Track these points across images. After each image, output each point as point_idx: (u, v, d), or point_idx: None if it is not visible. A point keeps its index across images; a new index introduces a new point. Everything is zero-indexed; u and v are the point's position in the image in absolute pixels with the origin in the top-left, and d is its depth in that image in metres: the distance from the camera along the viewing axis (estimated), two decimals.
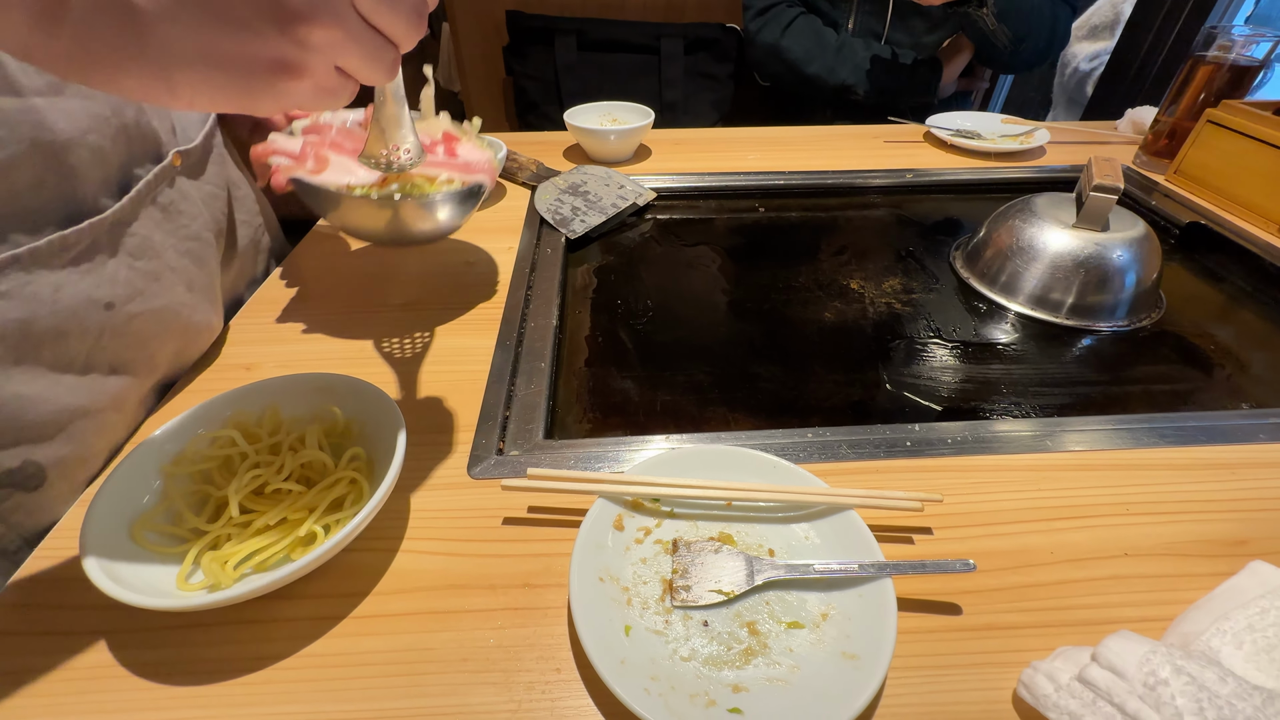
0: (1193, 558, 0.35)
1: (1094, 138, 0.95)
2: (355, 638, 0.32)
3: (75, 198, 0.37)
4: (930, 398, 0.49)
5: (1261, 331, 0.58)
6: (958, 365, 0.53)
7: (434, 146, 0.49)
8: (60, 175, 0.36)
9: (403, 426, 0.36)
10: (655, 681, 0.28)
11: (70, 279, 0.37)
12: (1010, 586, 0.34)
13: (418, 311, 0.55)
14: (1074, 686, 0.27)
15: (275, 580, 0.29)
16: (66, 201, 0.37)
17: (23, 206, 0.34)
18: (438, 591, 0.34)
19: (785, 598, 0.32)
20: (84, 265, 0.38)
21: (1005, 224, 0.62)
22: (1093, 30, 1.74)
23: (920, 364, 0.53)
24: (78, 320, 0.37)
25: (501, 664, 0.31)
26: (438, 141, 0.49)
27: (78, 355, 0.38)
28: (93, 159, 0.38)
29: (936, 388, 0.50)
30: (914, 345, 0.55)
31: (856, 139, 0.94)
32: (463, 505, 0.38)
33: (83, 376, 0.38)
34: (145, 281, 0.42)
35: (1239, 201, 0.71)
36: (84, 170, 0.37)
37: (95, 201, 0.39)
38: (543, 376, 0.48)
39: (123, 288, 0.40)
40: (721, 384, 0.51)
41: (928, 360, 0.54)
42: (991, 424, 0.44)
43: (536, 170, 0.79)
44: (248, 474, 0.35)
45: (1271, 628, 0.29)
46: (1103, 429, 0.43)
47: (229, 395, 0.38)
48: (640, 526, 0.36)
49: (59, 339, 0.37)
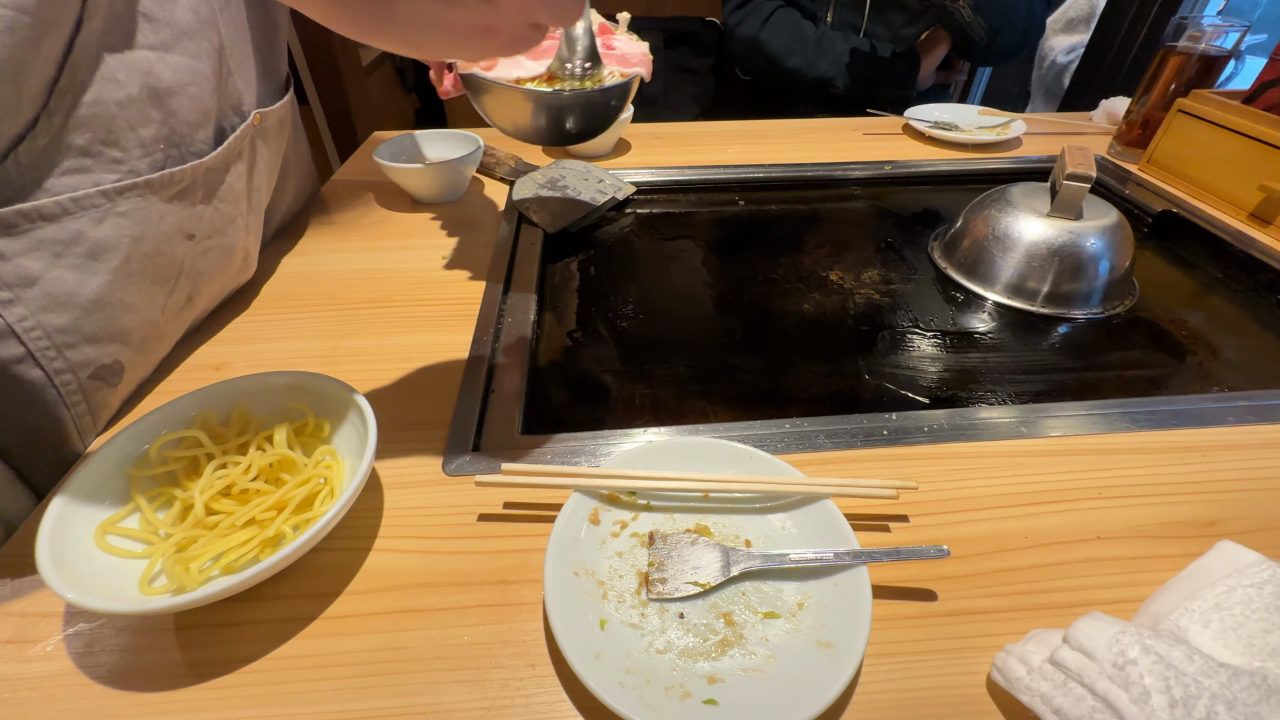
0: (1163, 539, 0.35)
1: (1069, 128, 0.96)
2: (326, 638, 0.31)
3: (177, 135, 0.44)
4: (908, 387, 0.49)
5: (1231, 317, 0.59)
6: (936, 355, 0.53)
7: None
8: (165, 114, 0.42)
9: (373, 424, 0.35)
10: (630, 675, 0.28)
11: (170, 210, 0.44)
12: (985, 571, 0.34)
13: (393, 308, 0.55)
14: (1045, 669, 0.27)
15: (241, 582, 0.29)
16: (170, 135, 0.43)
17: (137, 137, 0.41)
18: (411, 590, 0.33)
19: (762, 588, 0.32)
20: (183, 200, 0.45)
21: (981, 214, 0.63)
22: (1069, 24, 1.76)
23: (898, 354, 0.53)
24: (170, 246, 0.44)
25: (475, 661, 0.30)
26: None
27: (167, 276, 0.45)
28: (192, 106, 0.45)
29: (915, 377, 0.51)
30: (892, 336, 0.55)
31: (836, 132, 0.94)
32: (437, 502, 0.38)
33: (164, 295, 0.45)
34: (223, 221, 0.49)
35: (1209, 190, 0.72)
36: (184, 114, 0.44)
37: (194, 141, 0.45)
38: (520, 371, 0.48)
39: (205, 224, 0.47)
40: (700, 376, 0.51)
41: (906, 350, 0.54)
42: (968, 412, 0.44)
43: (515, 165, 0.79)
44: (214, 474, 0.34)
45: (1238, 606, 0.29)
46: (1076, 415, 0.44)
47: (194, 395, 0.37)
48: (616, 520, 0.35)
49: (157, 258, 0.43)
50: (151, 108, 0.41)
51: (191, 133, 0.45)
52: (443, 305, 0.55)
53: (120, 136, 0.40)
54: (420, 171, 0.67)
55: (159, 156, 0.42)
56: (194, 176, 0.45)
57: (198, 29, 0.45)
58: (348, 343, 0.50)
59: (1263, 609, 0.29)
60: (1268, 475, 0.39)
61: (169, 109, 0.43)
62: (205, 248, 0.48)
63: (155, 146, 0.42)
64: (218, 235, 0.49)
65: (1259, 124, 0.65)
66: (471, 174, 0.74)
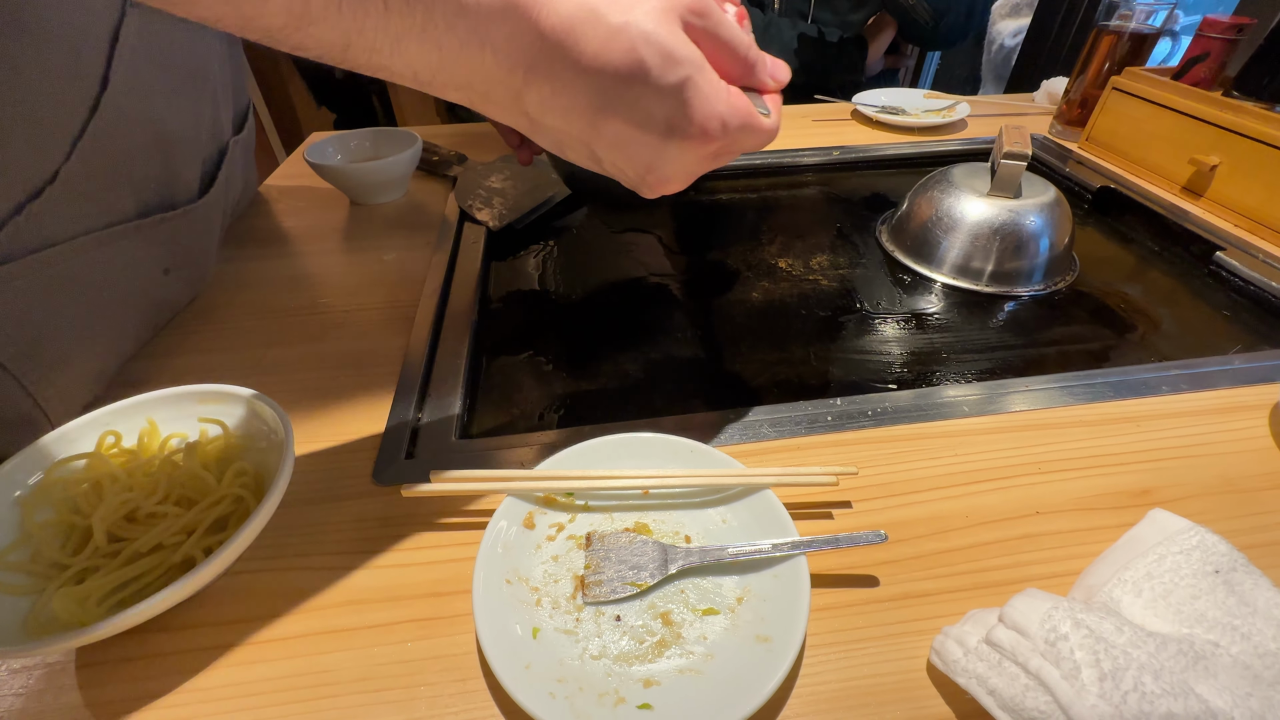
0: (1100, 510, 0.36)
1: (1013, 109, 0.97)
2: (244, 666, 0.29)
3: (169, 174, 0.45)
4: (855, 372, 0.49)
5: (1167, 288, 0.60)
6: (883, 339, 0.53)
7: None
8: (165, 157, 0.44)
9: (291, 436, 0.33)
10: (562, 684, 0.27)
11: (153, 248, 0.45)
12: (926, 554, 0.33)
13: (325, 314, 0.52)
14: (981, 649, 0.27)
15: (142, 612, 0.27)
16: (162, 175, 0.44)
17: (131, 179, 0.41)
18: (336, 609, 0.32)
19: (701, 584, 0.31)
20: (166, 238, 0.45)
21: (925, 196, 0.63)
22: (1014, 8, 1.79)
23: (846, 339, 0.53)
24: (140, 281, 0.45)
25: (403, 680, 0.29)
26: None
27: (143, 308, 0.46)
28: (189, 149, 0.46)
29: (862, 361, 0.50)
30: (840, 321, 0.55)
31: (785, 118, 0.93)
32: (367, 514, 0.36)
33: (136, 328, 0.47)
34: (198, 251, 0.51)
35: (1145, 164, 0.73)
36: (181, 155, 0.46)
37: (182, 180, 0.47)
38: (459, 374, 0.46)
39: (181, 257, 0.48)
40: (646, 371, 0.50)
41: (854, 335, 0.54)
42: (911, 394, 0.44)
43: (457, 161, 0.76)
44: (117, 498, 0.32)
45: (1168, 574, 0.29)
46: (1017, 391, 0.44)
47: (97, 415, 0.35)
48: (553, 523, 0.34)
49: (131, 296, 0.44)
50: (155, 152, 0.43)
51: (183, 171, 0.47)
52: (378, 309, 0.53)
53: (119, 180, 0.40)
54: (353, 171, 0.65)
55: (149, 196, 0.43)
56: (182, 218, 0.46)
57: (198, 69, 0.46)
58: (275, 352, 0.48)
59: (1190, 575, 0.29)
60: (1200, 441, 0.40)
61: (169, 153, 0.44)
62: (179, 282, 0.49)
63: (146, 186, 0.43)
64: (191, 266, 0.50)
65: (1187, 99, 0.67)
66: (411, 172, 0.72)
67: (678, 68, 0.25)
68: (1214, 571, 0.29)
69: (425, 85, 0.25)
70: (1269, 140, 0.59)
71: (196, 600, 0.32)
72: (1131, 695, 0.23)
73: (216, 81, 0.51)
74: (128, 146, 0.40)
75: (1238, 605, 0.28)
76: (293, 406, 0.43)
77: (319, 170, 0.65)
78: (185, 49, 0.44)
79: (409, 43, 0.22)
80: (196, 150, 0.48)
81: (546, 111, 0.26)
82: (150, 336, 0.49)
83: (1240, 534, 0.34)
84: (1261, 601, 0.28)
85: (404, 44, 0.22)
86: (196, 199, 0.48)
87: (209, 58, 0.49)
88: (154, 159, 0.43)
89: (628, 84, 0.25)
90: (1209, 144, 0.65)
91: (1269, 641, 0.26)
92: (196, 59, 0.46)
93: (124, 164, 0.40)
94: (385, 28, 0.21)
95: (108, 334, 0.43)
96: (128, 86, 0.39)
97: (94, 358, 0.42)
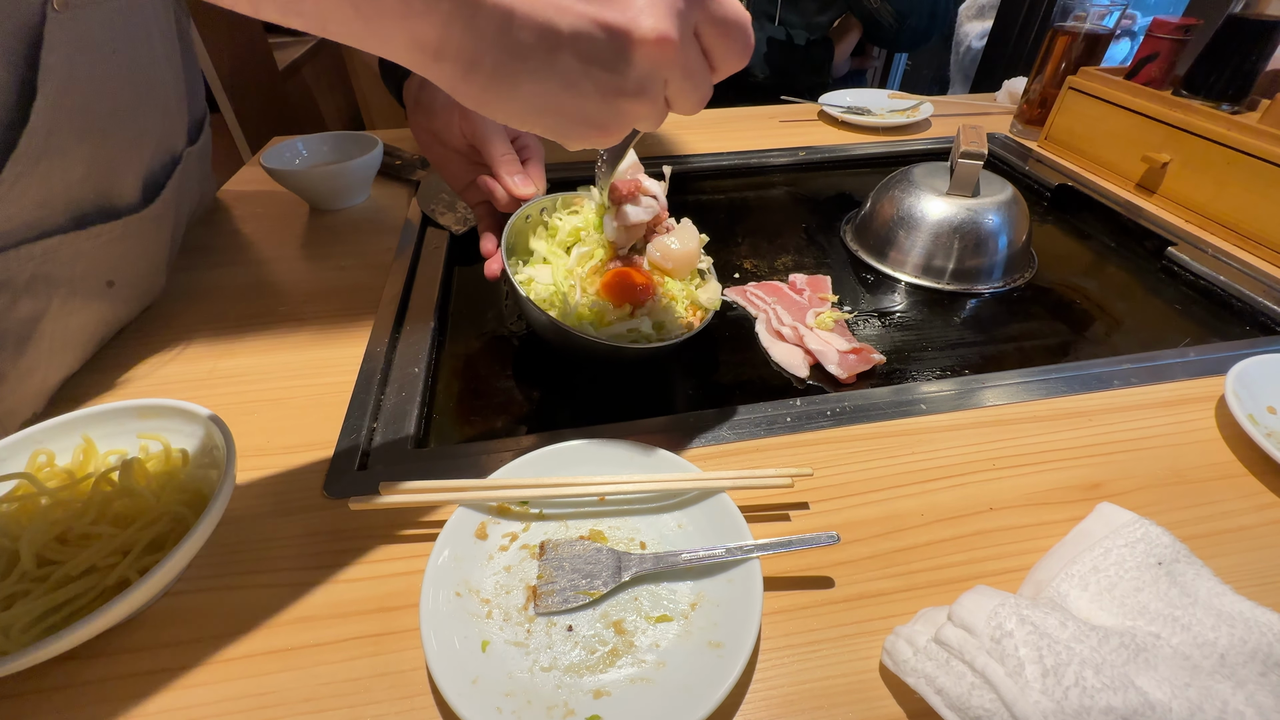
0: (1052, 505, 0.36)
1: (975, 109, 0.99)
2: (184, 690, 0.28)
3: (107, 184, 0.44)
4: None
5: (1122, 283, 0.61)
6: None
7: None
8: (107, 174, 0.43)
9: (232, 450, 0.32)
10: (510, 698, 0.26)
11: (96, 257, 0.43)
12: (882, 553, 0.34)
13: (280, 323, 0.51)
14: (930, 648, 0.27)
15: (70, 639, 0.26)
16: (100, 186, 0.43)
17: (67, 190, 0.40)
18: (282, 627, 0.31)
19: (656, 591, 0.31)
20: (108, 248, 0.44)
21: (888, 195, 0.64)
22: (980, 10, 1.82)
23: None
24: (85, 293, 0.43)
25: (349, 699, 0.28)
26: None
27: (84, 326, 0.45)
28: (133, 165, 0.46)
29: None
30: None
31: (753, 120, 0.95)
32: (317, 528, 0.35)
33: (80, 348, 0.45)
34: (145, 263, 0.49)
35: (1100, 162, 0.75)
36: (123, 171, 0.45)
37: (124, 191, 0.45)
38: (416, 383, 0.45)
39: (127, 271, 0.47)
40: (607, 376, 0.49)
41: None
42: (869, 393, 0.44)
43: (420, 165, 0.75)
44: (46, 519, 0.30)
45: (1113, 567, 0.30)
46: (973, 389, 0.44)
47: (29, 433, 0.33)
48: (506, 533, 0.34)
49: (70, 314, 0.43)
50: (93, 173, 0.41)
51: (124, 181, 0.45)
52: (335, 317, 0.52)
53: (51, 193, 0.39)
54: (309, 175, 0.64)
55: (86, 208, 0.42)
56: (124, 229, 0.45)
57: (143, 81, 0.45)
58: (227, 363, 0.47)
59: (1134, 568, 0.29)
60: (1148, 434, 0.40)
61: (111, 171, 0.43)
62: (124, 296, 0.48)
63: (83, 197, 0.41)
64: (137, 279, 0.49)
65: (1139, 98, 0.68)
66: (372, 177, 0.70)
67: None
68: (1157, 563, 0.29)
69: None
70: (1216, 138, 0.61)
71: (134, 623, 0.31)
72: (1073, 690, 0.23)
73: (168, 92, 0.50)
74: (62, 162, 0.39)
75: (1179, 596, 0.28)
76: (245, 418, 0.42)
77: (275, 175, 0.63)
78: (128, 60, 0.43)
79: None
80: (140, 161, 0.46)
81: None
82: (95, 351, 0.47)
83: (1187, 524, 0.34)
84: (1203, 592, 0.28)
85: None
86: (139, 209, 0.46)
87: (157, 68, 0.47)
88: (93, 170, 0.41)
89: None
90: (1160, 142, 0.67)
91: (1208, 631, 0.26)
92: (140, 70, 0.44)
93: (57, 175, 0.39)
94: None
95: (47, 349, 0.41)
96: (59, 95, 0.37)
97: (33, 374, 0.41)
